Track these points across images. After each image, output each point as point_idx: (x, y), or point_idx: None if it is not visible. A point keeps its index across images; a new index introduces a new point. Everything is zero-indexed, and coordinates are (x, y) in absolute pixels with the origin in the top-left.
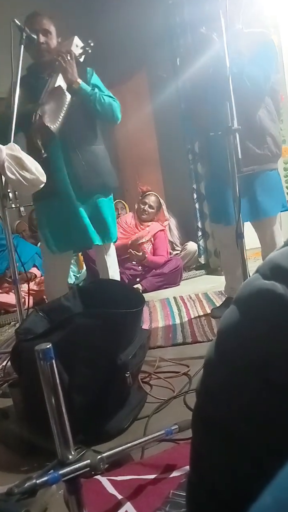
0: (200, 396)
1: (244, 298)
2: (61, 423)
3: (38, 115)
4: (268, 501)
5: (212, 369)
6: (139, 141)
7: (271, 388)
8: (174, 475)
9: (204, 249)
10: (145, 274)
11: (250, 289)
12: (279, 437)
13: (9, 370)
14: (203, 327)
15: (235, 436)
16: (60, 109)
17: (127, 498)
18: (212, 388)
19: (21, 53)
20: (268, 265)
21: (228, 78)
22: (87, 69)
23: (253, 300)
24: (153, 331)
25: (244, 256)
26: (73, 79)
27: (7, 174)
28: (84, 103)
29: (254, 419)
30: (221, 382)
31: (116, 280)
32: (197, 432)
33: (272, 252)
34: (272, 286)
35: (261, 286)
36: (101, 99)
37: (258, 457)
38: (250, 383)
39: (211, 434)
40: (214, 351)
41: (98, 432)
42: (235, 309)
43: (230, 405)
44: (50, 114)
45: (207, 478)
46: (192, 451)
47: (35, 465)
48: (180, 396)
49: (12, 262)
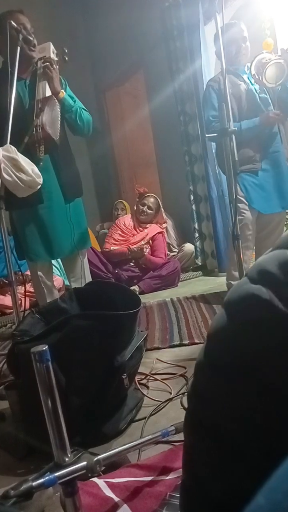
0: (191, 399)
1: (232, 302)
2: (58, 425)
3: (39, 126)
4: (261, 502)
5: (202, 373)
6: (136, 143)
7: (259, 390)
8: (171, 477)
9: (201, 251)
10: (142, 276)
11: (238, 293)
12: (270, 438)
13: (5, 372)
14: (200, 328)
15: (226, 439)
16: (57, 119)
17: (124, 500)
18: (202, 392)
19: (17, 55)
20: (256, 268)
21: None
22: (61, 79)
23: (240, 304)
24: (150, 333)
25: (241, 256)
26: (58, 89)
27: (3, 176)
28: (62, 115)
29: (244, 421)
30: (210, 385)
31: (113, 282)
32: (189, 435)
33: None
34: (258, 290)
35: (248, 290)
36: (81, 112)
37: (250, 459)
38: (238, 386)
39: (202, 437)
40: (204, 354)
41: (94, 434)
42: (224, 313)
43: (220, 408)
44: (50, 124)
45: (200, 481)
46: (184, 454)
47: (31, 467)
48: (177, 397)
49: (9, 264)
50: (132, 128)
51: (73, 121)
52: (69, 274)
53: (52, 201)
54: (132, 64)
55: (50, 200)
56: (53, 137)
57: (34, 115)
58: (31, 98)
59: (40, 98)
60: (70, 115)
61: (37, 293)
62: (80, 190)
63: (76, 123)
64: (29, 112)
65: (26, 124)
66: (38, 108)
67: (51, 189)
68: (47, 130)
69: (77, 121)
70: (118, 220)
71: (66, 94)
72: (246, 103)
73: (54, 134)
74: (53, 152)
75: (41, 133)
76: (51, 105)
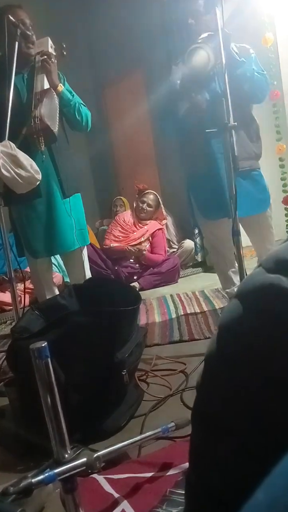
0: (200, 391)
1: (247, 292)
2: (57, 421)
3: (37, 118)
4: (260, 498)
5: (213, 365)
6: (136, 139)
7: (275, 384)
8: (171, 473)
9: (201, 247)
10: (142, 272)
11: (253, 282)
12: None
13: (5, 369)
14: (200, 324)
15: (235, 433)
16: (56, 111)
17: (124, 497)
18: (212, 384)
19: (16, 50)
20: (273, 259)
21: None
22: (59, 74)
23: (258, 294)
24: (149, 329)
25: (241, 253)
26: (56, 83)
27: (2, 172)
28: (61, 109)
29: (255, 416)
30: (222, 377)
31: (113, 278)
32: (197, 428)
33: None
34: (277, 279)
35: (266, 279)
36: (79, 107)
37: (259, 454)
38: (252, 379)
39: (210, 430)
40: (216, 346)
41: (94, 431)
42: (238, 303)
43: (231, 401)
44: (48, 117)
45: (206, 476)
46: (191, 447)
47: (31, 464)
48: (177, 394)
49: (8, 261)
50: (132, 124)
51: (71, 115)
52: (69, 271)
53: (51, 196)
54: (131, 60)
55: (49, 195)
56: (52, 128)
57: (32, 108)
58: (29, 92)
59: (38, 90)
60: (69, 109)
61: (37, 289)
62: (79, 185)
63: (75, 118)
64: (27, 106)
65: (24, 118)
66: (36, 100)
67: (50, 184)
68: (45, 122)
69: (75, 115)
70: (118, 216)
71: (65, 88)
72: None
73: (52, 125)
74: (52, 147)
75: (39, 125)
76: (50, 97)
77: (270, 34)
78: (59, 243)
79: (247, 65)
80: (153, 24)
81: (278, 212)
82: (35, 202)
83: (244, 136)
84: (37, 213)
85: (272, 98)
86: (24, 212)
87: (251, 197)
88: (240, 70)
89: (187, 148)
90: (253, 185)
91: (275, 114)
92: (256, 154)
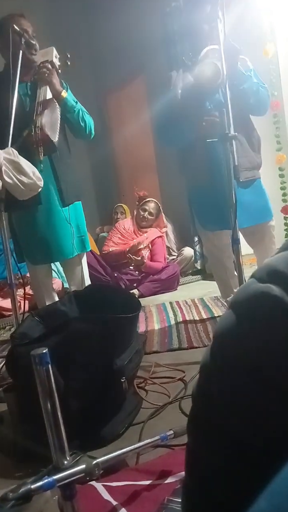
0: (196, 400)
1: (240, 302)
2: (57, 428)
3: (38, 128)
4: (263, 506)
5: (209, 373)
6: (136, 147)
7: (269, 390)
8: (169, 481)
9: (200, 255)
10: (142, 280)
11: (246, 292)
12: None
13: (4, 375)
14: (199, 332)
15: (232, 440)
16: (57, 122)
17: (122, 504)
18: (208, 392)
19: (19, 59)
20: (265, 269)
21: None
22: (62, 83)
23: (250, 303)
24: (149, 336)
25: (240, 261)
26: (59, 91)
27: (4, 178)
28: (65, 116)
29: (252, 422)
30: (218, 385)
31: (112, 285)
32: (193, 436)
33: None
34: (267, 288)
35: (257, 289)
36: (83, 114)
37: (257, 461)
38: (247, 386)
39: (207, 438)
40: (210, 355)
41: (93, 438)
42: (231, 313)
43: (227, 408)
44: (49, 127)
45: (203, 483)
46: (187, 455)
47: (29, 470)
48: (175, 401)
49: (9, 266)
50: (133, 132)
51: (75, 121)
52: (69, 277)
53: (50, 204)
54: (133, 68)
55: (48, 203)
56: (52, 138)
57: (34, 117)
58: (32, 101)
59: (40, 100)
60: (72, 115)
61: (36, 295)
62: (79, 193)
63: (79, 124)
64: (29, 114)
65: (26, 126)
66: (38, 110)
67: (49, 192)
68: (45, 132)
69: (79, 121)
70: (118, 223)
71: (68, 94)
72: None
73: (52, 136)
74: (52, 155)
75: (40, 134)
76: (52, 107)
77: (271, 45)
78: (57, 250)
79: (252, 79)
80: (155, 32)
81: (277, 222)
82: (35, 209)
83: (247, 146)
84: (36, 220)
85: (273, 108)
86: (23, 218)
87: (255, 206)
88: (247, 84)
89: (188, 159)
90: (257, 194)
91: (276, 125)
92: (258, 163)
